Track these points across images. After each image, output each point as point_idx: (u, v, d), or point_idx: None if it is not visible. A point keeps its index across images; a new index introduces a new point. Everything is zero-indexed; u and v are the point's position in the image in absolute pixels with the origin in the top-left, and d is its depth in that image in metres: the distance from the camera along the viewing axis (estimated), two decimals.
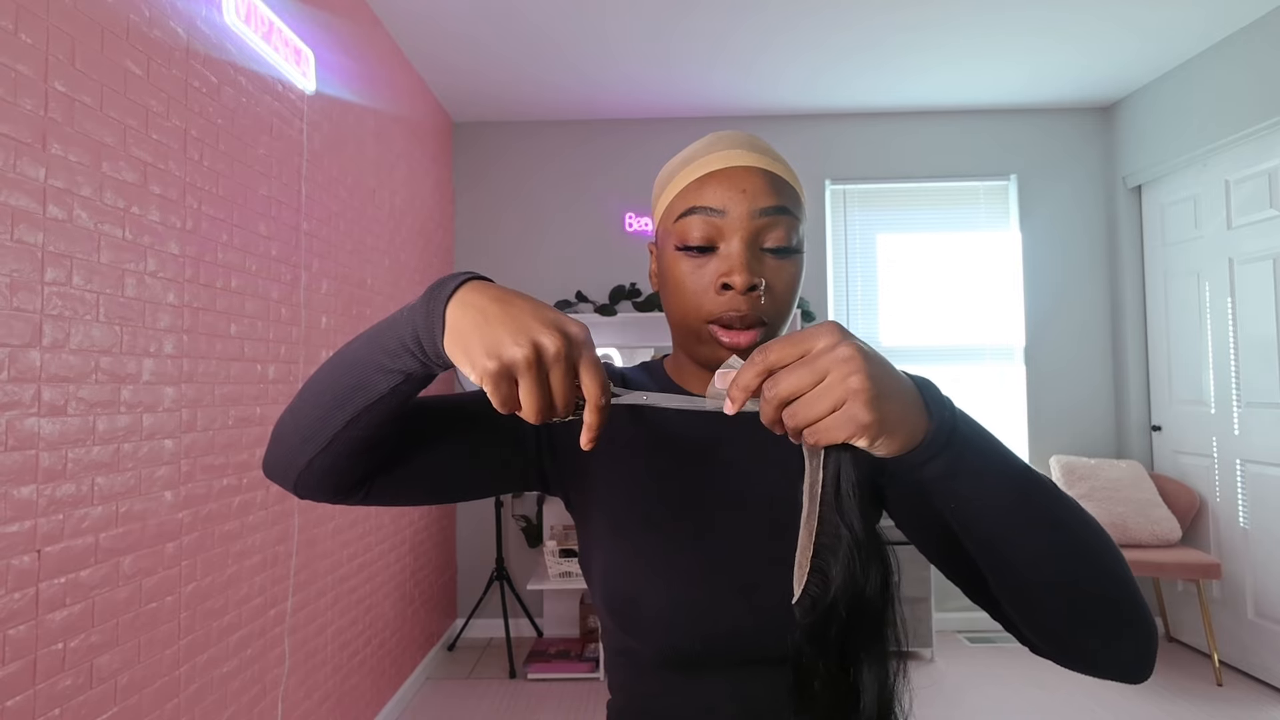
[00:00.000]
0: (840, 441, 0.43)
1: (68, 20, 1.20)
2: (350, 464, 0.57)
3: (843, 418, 0.42)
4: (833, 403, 0.42)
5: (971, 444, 0.48)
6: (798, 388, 0.43)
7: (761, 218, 0.59)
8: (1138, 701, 2.58)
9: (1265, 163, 2.68)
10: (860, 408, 0.42)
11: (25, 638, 1.10)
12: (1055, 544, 0.49)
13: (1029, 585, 0.50)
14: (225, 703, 1.59)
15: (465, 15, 2.56)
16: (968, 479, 0.48)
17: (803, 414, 0.43)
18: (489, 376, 0.45)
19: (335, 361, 0.55)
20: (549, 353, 0.45)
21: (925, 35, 2.76)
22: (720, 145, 0.63)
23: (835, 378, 0.42)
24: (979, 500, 0.48)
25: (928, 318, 3.50)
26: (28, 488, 1.11)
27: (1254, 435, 2.75)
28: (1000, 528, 0.49)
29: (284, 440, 0.57)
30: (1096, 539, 0.50)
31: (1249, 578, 2.76)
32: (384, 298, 2.59)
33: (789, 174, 0.64)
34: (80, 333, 1.21)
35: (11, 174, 1.09)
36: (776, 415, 0.44)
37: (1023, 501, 0.49)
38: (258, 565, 1.73)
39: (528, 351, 0.44)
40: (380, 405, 0.53)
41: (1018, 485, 0.49)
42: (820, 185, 3.51)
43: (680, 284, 0.62)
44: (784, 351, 0.44)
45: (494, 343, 0.45)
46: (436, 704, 2.70)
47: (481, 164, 3.55)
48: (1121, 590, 0.49)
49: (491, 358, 0.44)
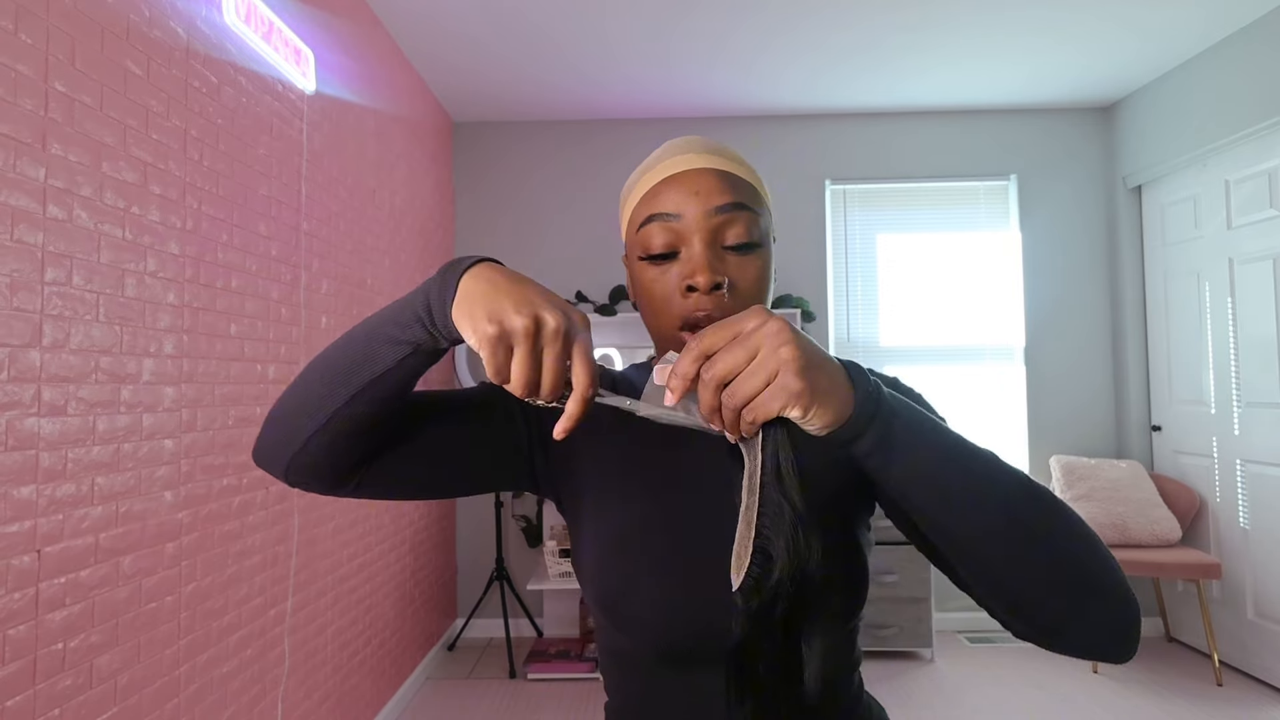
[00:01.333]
0: (775, 414, 0.45)
1: (68, 20, 1.20)
2: (347, 445, 0.56)
3: (776, 388, 0.44)
4: (766, 376, 0.44)
5: (899, 417, 0.48)
6: (733, 366, 0.44)
7: (718, 215, 0.60)
8: (1138, 701, 2.58)
9: (1265, 163, 2.68)
10: (792, 377, 0.44)
11: (25, 638, 1.10)
12: (1001, 515, 0.48)
13: (985, 560, 0.49)
14: (225, 703, 1.59)
15: (465, 15, 2.56)
16: (899, 454, 0.48)
17: (740, 390, 0.44)
18: (487, 340, 0.46)
19: (343, 339, 0.55)
20: (548, 327, 0.46)
21: (925, 35, 2.76)
22: (672, 151, 0.64)
23: (766, 351, 0.44)
24: (915, 477, 0.48)
25: (928, 318, 3.50)
26: (28, 488, 1.11)
27: (1254, 435, 2.75)
28: (942, 503, 0.48)
29: (280, 422, 0.57)
30: (1047, 507, 0.49)
31: (1249, 578, 2.77)
32: (384, 298, 2.59)
33: (745, 170, 0.64)
34: (80, 333, 1.21)
35: (11, 174, 1.09)
36: (715, 400, 0.45)
37: (961, 473, 0.48)
38: (258, 565, 1.73)
39: (528, 322, 0.45)
40: (385, 380, 0.53)
41: (952, 457, 0.49)
42: (820, 185, 3.51)
43: (649, 292, 0.63)
44: (717, 335, 0.46)
45: (497, 309, 0.46)
46: (436, 704, 2.70)
47: (481, 164, 3.55)
48: (1082, 558, 0.48)
49: (493, 322, 0.45)
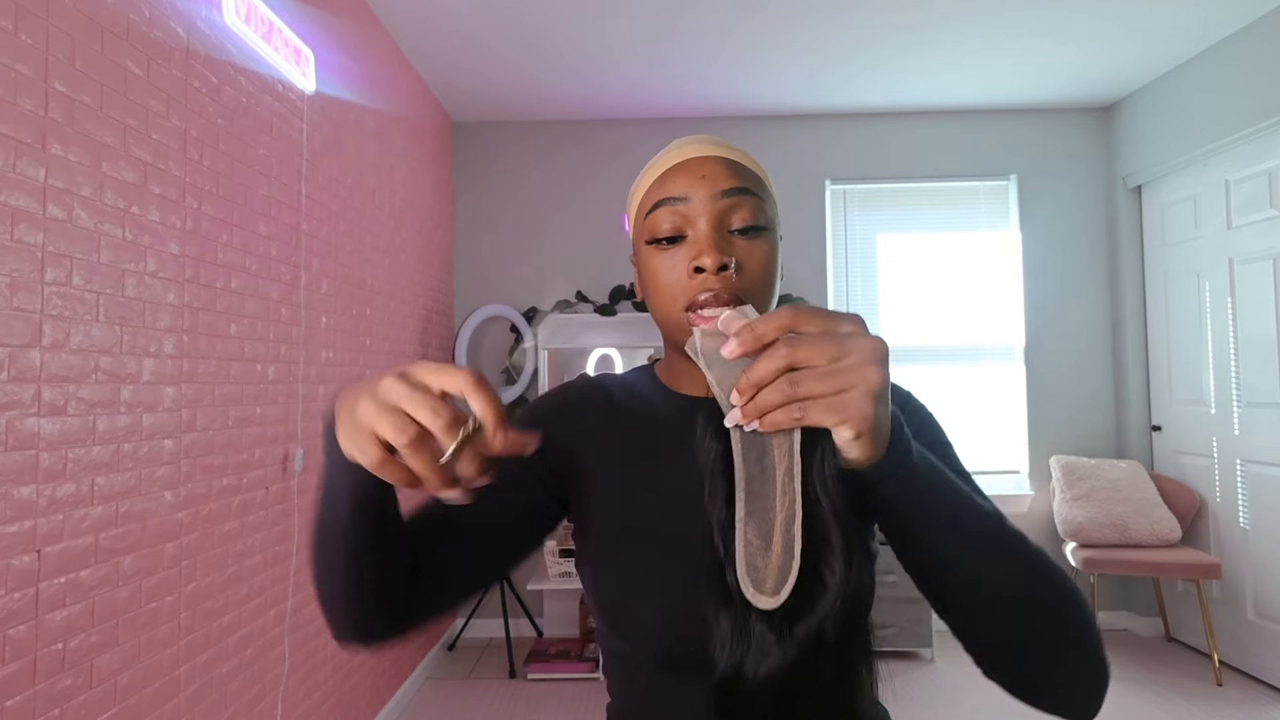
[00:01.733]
0: (828, 425, 0.42)
1: (68, 20, 1.20)
2: (392, 594, 0.57)
3: (844, 401, 0.41)
4: (842, 384, 0.41)
5: (921, 469, 0.48)
6: (814, 357, 0.42)
7: (724, 199, 0.60)
8: (1138, 701, 2.58)
9: (1265, 163, 2.68)
10: (867, 399, 0.41)
11: (25, 638, 1.10)
12: (998, 568, 0.49)
13: (974, 605, 0.50)
14: (225, 703, 1.59)
15: (465, 15, 2.56)
16: (915, 500, 0.48)
17: (807, 384, 0.42)
18: (360, 441, 0.42)
19: (314, 531, 0.56)
20: (382, 385, 0.42)
21: (925, 35, 2.76)
22: (679, 144, 0.66)
23: (854, 360, 0.42)
24: (920, 525, 0.49)
25: (928, 318, 3.50)
26: (28, 488, 1.11)
27: (1254, 435, 2.75)
28: (940, 558, 0.50)
29: (327, 611, 0.58)
30: (1043, 572, 0.50)
31: (1249, 578, 2.76)
32: (384, 297, 2.59)
33: (749, 161, 0.65)
34: (80, 333, 1.21)
35: (11, 174, 1.09)
36: (774, 377, 0.42)
37: (964, 532, 0.49)
38: (258, 565, 1.73)
39: (370, 398, 0.42)
40: (362, 524, 0.52)
41: (960, 517, 0.49)
42: (820, 185, 3.51)
43: (656, 277, 0.63)
44: (814, 317, 0.43)
45: (348, 413, 0.43)
46: (436, 704, 2.70)
47: (481, 164, 3.55)
48: (1070, 621, 0.50)
49: (355, 426, 0.42)
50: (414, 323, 2.92)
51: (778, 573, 0.45)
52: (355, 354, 2.33)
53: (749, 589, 0.45)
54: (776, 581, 0.45)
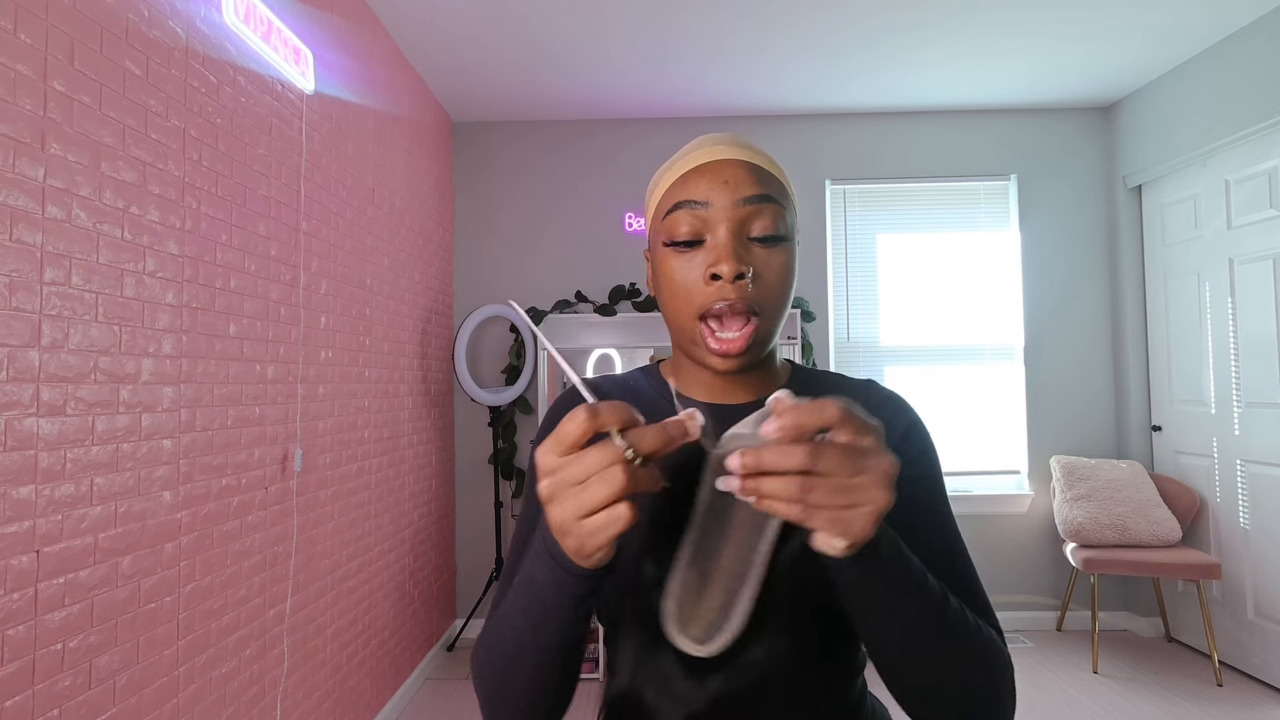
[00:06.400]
0: (826, 534, 0.44)
1: (67, 20, 1.20)
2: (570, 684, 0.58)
3: (849, 518, 0.43)
4: (851, 501, 0.42)
5: (887, 564, 0.49)
6: (834, 472, 0.42)
7: (745, 206, 0.60)
8: (1138, 701, 2.58)
9: (1265, 163, 2.68)
10: (869, 519, 0.43)
11: (24, 638, 1.10)
12: (932, 664, 0.52)
13: (912, 682, 0.54)
14: (225, 703, 1.59)
15: (465, 15, 2.56)
16: (869, 593, 0.50)
17: (818, 496, 0.42)
18: (604, 521, 0.43)
19: (514, 662, 0.54)
20: (567, 475, 0.43)
21: (925, 35, 2.76)
22: (703, 144, 0.65)
23: (867, 480, 0.43)
24: (877, 613, 0.51)
25: (928, 318, 3.50)
26: (26, 488, 1.11)
27: (1254, 435, 2.75)
28: (884, 644, 0.53)
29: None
30: (976, 659, 0.54)
31: (1249, 578, 2.76)
32: (384, 298, 2.59)
33: (773, 167, 0.64)
34: (79, 333, 1.21)
35: (11, 174, 1.09)
36: (793, 472, 0.43)
37: (921, 622, 0.51)
38: (257, 565, 1.73)
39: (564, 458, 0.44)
40: (577, 632, 0.52)
41: (919, 614, 0.51)
42: (820, 185, 3.51)
43: (671, 279, 0.62)
44: (851, 424, 0.43)
45: (551, 485, 0.44)
46: (436, 704, 2.70)
47: (481, 164, 3.55)
48: (992, 707, 0.54)
49: (560, 499, 0.44)
50: (414, 323, 2.92)
51: (708, 625, 0.45)
52: (355, 354, 2.33)
53: (670, 626, 0.46)
54: (706, 632, 0.45)
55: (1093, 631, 2.91)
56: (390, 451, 2.63)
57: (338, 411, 2.18)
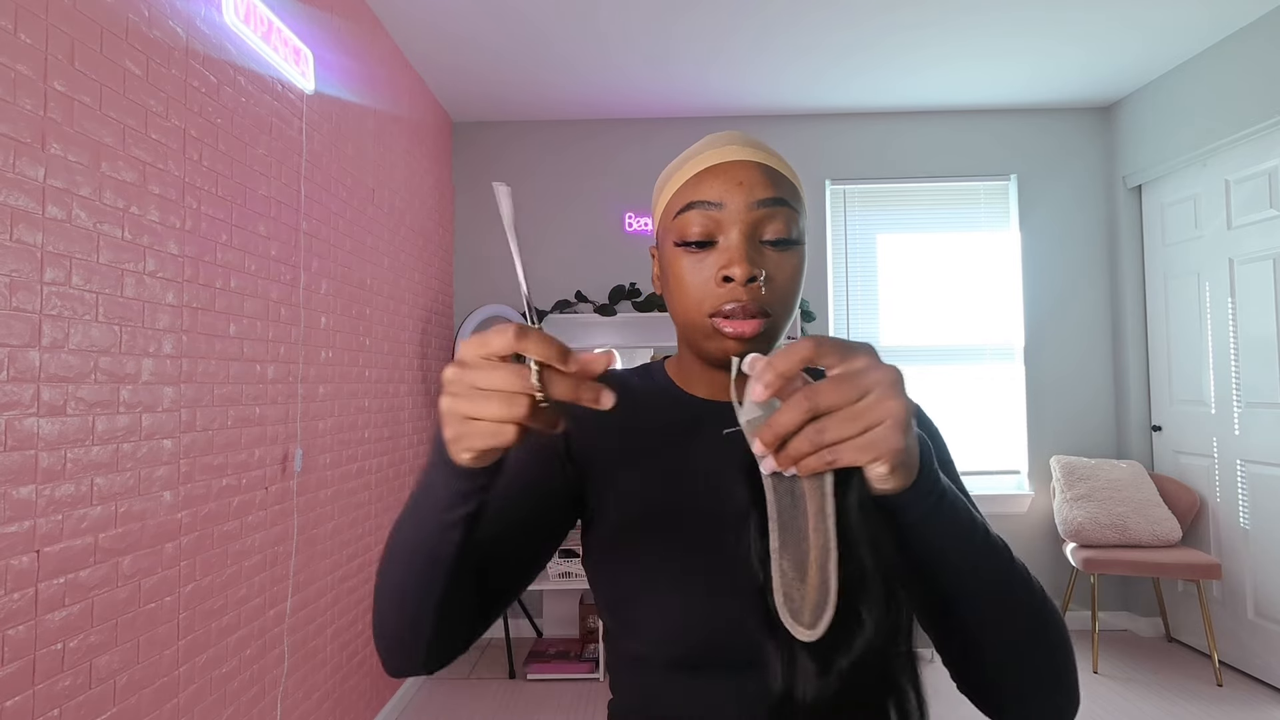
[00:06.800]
0: (861, 464, 0.42)
1: (67, 20, 1.20)
2: (459, 613, 0.56)
3: (873, 439, 0.41)
4: (868, 422, 0.41)
5: (947, 494, 0.49)
6: (836, 402, 0.41)
7: (759, 209, 0.59)
8: (1138, 701, 2.58)
9: (1265, 163, 2.68)
10: (894, 432, 0.41)
11: (24, 638, 1.10)
12: (1005, 609, 0.51)
13: (973, 628, 0.52)
14: (225, 703, 1.59)
15: (465, 15, 2.56)
16: (938, 527, 0.49)
17: (833, 430, 0.41)
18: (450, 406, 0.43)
19: (395, 560, 0.53)
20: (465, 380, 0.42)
21: (925, 35, 2.76)
22: (717, 143, 0.64)
23: (875, 397, 0.41)
24: (938, 548, 0.49)
25: (928, 318, 3.50)
26: (27, 488, 1.11)
27: (1254, 435, 2.75)
28: (958, 585, 0.51)
29: (406, 643, 0.55)
30: (1042, 607, 0.53)
31: (1249, 578, 2.76)
32: (384, 298, 2.59)
33: (786, 169, 0.64)
34: (79, 333, 1.21)
35: (11, 174, 1.09)
36: (800, 424, 0.42)
37: (976, 560, 0.50)
38: (257, 565, 1.73)
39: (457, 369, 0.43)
40: (465, 535, 0.51)
41: (975, 545, 0.50)
42: (820, 185, 3.51)
43: (681, 280, 0.62)
44: (832, 350, 0.43)
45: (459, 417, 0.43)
46: (436, 704, 2.70)
47: (481, 164, 3.55)
48: (1058, 661, 0.53)
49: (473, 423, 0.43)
50: (413, 323, 2.92)
51: (814, 607, 0.45)
52: (355, 354, 2.33)
53: (787, 619, 0.45)
54: (813, 615, 0.45)
55: (1093, 631, 2.91)
56: (390, 451, 2.63)
57: (338, 411, 2.18)
